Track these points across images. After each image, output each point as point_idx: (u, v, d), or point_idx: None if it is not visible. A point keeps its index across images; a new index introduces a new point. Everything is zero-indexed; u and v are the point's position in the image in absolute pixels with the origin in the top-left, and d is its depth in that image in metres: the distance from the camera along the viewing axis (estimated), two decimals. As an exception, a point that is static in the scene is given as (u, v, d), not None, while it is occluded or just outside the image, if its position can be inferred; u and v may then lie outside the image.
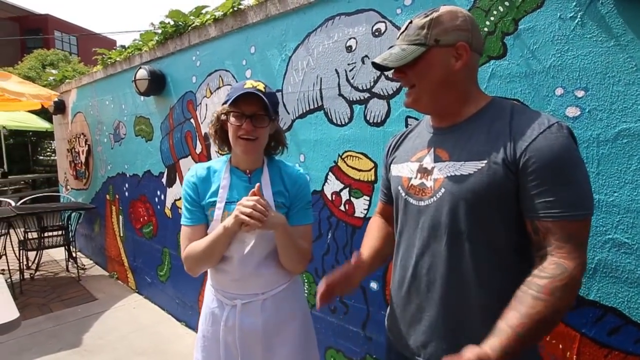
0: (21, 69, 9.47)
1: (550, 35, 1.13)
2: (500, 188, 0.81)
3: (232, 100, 1.10)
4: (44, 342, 2.79)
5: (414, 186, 0.94)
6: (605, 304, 1.09)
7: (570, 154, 0.78)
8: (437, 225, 0.88)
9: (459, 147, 0.88)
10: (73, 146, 4.77)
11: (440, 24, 0.85)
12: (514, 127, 0.83)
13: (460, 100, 0.90)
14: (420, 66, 0.87)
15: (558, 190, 0.77)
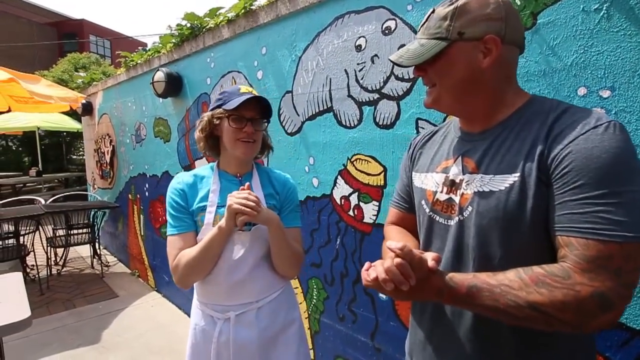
0: (55, 72, 9.91)
1: (572, 29, 1.03)
2: (535, 206, 0.68)
3: (234, 105, 1.08)
4: (65, 338, 2.88)
5: (440, 202, 0.83)
6: (633, 326, 0.98)
7: (618, 158, 0.62)
8: (461, 247, 0.78)
9: (489, 156, 0.76)
10: (99, 146, 4.92)
11: (466, 13, 0.73)
12: (555, 128, 0.69)
13: (490, 102, 0.78)
14: (441, 63, 0.76)
15: (593, 203, 0.62)
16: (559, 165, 0.66)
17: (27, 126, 7.46)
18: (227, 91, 1.15)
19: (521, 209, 0.70)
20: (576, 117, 0.69)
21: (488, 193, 0.74)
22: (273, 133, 2.08)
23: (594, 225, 0.62)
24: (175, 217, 1.14)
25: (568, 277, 0.63)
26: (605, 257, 0.62)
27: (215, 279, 1.15)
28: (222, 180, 1.17)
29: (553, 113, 0.72)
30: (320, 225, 1.85)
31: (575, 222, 0.64)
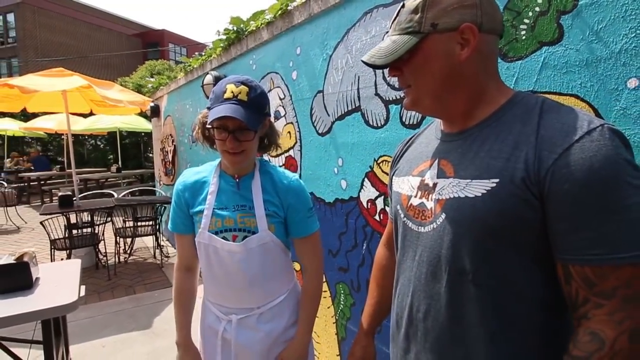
0: (134, 78, 10.95)
1: (621, 9, 0.86)
2: (516, 218, 0.61)
3: (211, 119, 0.99)
4: (123, 321, 3.14)
5: (414, 206, 0.77)
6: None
7: (617, 170, 0.56)
8: (436, 259, 0.71)
9: (467, 159, 0.69)
10: (164, 146, 5.32)
11: (437, 2, 0.67)
12: (542, 130, 0.61)
13: (470, 99, 0.71)
14: (416, 60, 0.69)
15: (598, 222, 0.56)
16: (554, 181, 0.58)
17: (109, 127, 8.34)
18: (214, 92, 1.07)
19: (499, 219, 0.62)
20: (564, 119, 0.61)
21: (463, 199, 0.66)
22: (305, 134, 2.06)
23: (604, 248, 0.55)
24: (172, 217, 1.16)
25: (602, 343, 0.55)
26: (625, 284, 0.55)
27: (218, 283, 1.15)
28: (221, 181, 1.14)
29: (535, 112, 0.64)
30: (347, 228, 1.79)
31: (580, 247, 0.57)
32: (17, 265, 1.83)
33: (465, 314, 0.68)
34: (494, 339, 0.66)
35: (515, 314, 0.65)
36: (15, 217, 7.11)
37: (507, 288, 0.64)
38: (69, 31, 26.74)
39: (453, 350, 0.70)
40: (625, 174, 0.55)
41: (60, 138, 13.14)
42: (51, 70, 4.16)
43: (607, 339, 0.55)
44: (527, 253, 0.63)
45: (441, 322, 0.71)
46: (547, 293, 0.64)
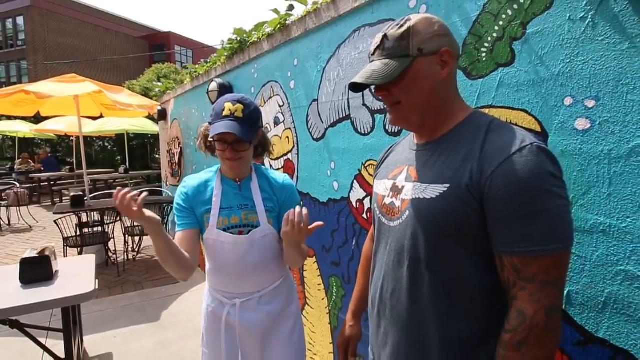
0: (142, 82, 11.20)
1: (559, 38, 1.02)
2: (461, 216, 0.75)
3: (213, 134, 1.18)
4: (132, 314, 3.33)
5: (386, 205, 0.93)
6: (616, 344, 0.95)
7: (540, 180, 0.69)
8: (401, 248, 0.86)
9: (428, 167, 0.83)
10: (170, 148, 5.51)
11: (418, 32, 0.80)
12: (486, 147, 0.75)
13: (442, 115, 0.84)
14: (406, 80, 0.81)
15: (523, 221, 0.70)
16: (491, 189, 0.72)
17: (118, 129, 8.57)
18: (215, 109, 1.24)
19: (446, 216, 0.76)
20: (504, 137, 0.75)
21: (422, 200, 0.81)
22: (302, 139, 2.23)
23: (529, 243, 0.70)
24: (179, 217, 1.31)
25: (524, 318, 0.70)
26: (543, 271, 0.70)
27: (224, 273, 1.32)
28: (223, 185, 1.31)
29: (483, 131, 0.78)
30: (339, 226, 1.95)
31: (512, 242, 0.71)
32: (40, 259, 2.02)
33: (421, 294, 0.83)
34: (443, 315, 0.81)
35: (461, 295, 0.79)
36: (27, 216, 7.36)
37: (455, 274, 0.79)
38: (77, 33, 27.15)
39: (411, 324, 0.86)
40: (546, 184, 0.69)
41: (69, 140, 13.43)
42: (64, 76, 4.36)
43: (528, 314, 0.69)
44: (472, 245, 0.77)
45: (403, 301, 0.86)
46: (489, 279, 0.78)
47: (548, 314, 0.69)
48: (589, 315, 1.00)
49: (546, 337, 0.69)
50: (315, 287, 2.21)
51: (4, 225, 7.00)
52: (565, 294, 1.03)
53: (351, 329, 1.19)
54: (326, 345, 2.15)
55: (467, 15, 1.25)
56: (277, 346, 1.34)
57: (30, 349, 2.71)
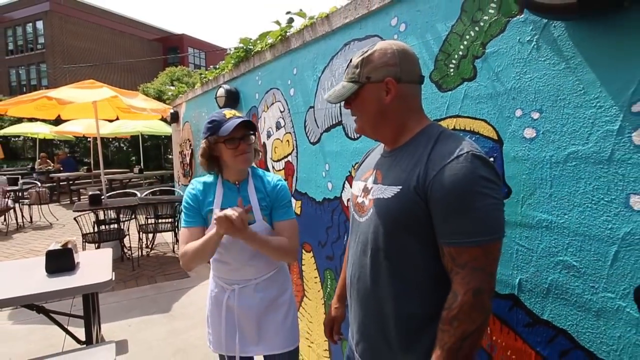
0: (156, 85, 11.55)
1: (511, 58, 1.16)
2: (411, 213, 0.90)
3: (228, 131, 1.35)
4: (145, 306, 3.55)
5: (358, 203, 1.09)
6: (557, 325, 1.09)
7: (471, 183, 0.83)
8: (366, 240, 1.01)
9: (389, 171, 0.99)
10: (182, 149, 5.75)
11: (370, 62, 0.97)
12: (432, 155, 0.90)
13: (395, 129, 1.01)
14: (358, 100, 1.00)
15: (456, 217, 0.84)
16: (432, 190, 0.87)
17: (133, 131, 8.88)
18: (215, 119, 1.41)
19: (399, 213, 0.92)
20: (447, 147, 0.90)
21: (382, 199, 0.97)
22: (301, 142, 2.40)
23: (461, 235, 0.84)
24: (187, 215, 1.47)
25: (455, 298, 0.85)
26: (473, 259, 0.84)
27: (225, 261, 1.49)
28: (224, 188, 1.49)
29: (432, 141, 0.93)
30: (333, 223, 2.12)
31: (448, 235, 0.86)
32: (63, 251, 2.23)
33: (380, 278, 0.99)
34: (398, 296, 0.97)
35: (413, 279, 0.95)
36: (48, 214, 7.71)
37: (408, 261, 0.95)
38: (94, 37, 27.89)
39: (372, 304, 1.02)
40: (476, 185, 0.83)
41: (86, 141, 13.89)
42: (83, 82, 4.63)
43: (459, 294, 0.84)
44: (421, 237, 0.92)
45: (366, 284, 1.02)
46: (437, 265, 0.93)
47: (475, 294, 0.84)
48: (535, 300, 1.14)
49: (474, 313, 0.84)
50: (313, 280, 2.38)
51: (26, 222, 7.36)
52: (516, 282, 1.18)
53: (336, 311, 1.35)
54: (322, 334, 2.31)
55: (438, 35, 1.40)
56: (272, 329, 1.51)
57: (52, 335, 2.95)
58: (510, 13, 1.15)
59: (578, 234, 1.03)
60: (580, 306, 1.03)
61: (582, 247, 1.02)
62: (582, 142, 1.01)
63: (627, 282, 0.94)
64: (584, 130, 1.00)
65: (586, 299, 1.02)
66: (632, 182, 0.91)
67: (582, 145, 1.01)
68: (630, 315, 0.93)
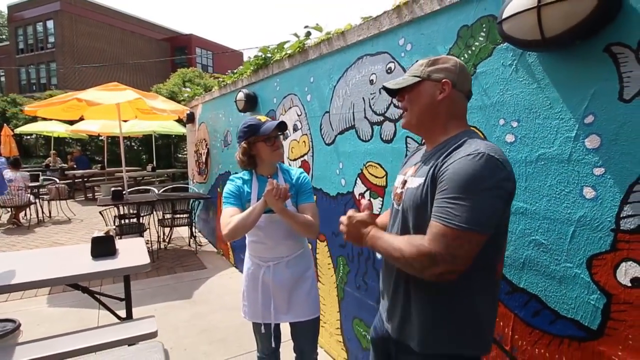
0: (168, 86, 11.88)
1: (496, 77, 1.44)
2: (428, 198, 1.06)
3: (269, 130, 1.67)
4: (168, 293, 3.85)
5: (397, 194, 1.26)
6: (530, 291, 1.37)
7: (473, 177, 0.93)
8: (399, 223, 1.20)
9: (422, 167, 1.14)
10: (198, 149, 6.05)
11: (435, 63, 1.13)
12: (452, 153, 1.03)
13: (439, 129, 1.14)
14: (413, 93, 1.14)
15: (443, 200, 0.98)
16: (439, 177, 1.05)
17: (146, 130, 9.21)
18: (252, 124, 1.71)
19: (420, 199, 1.11)
20: (468, 147, 1.01)
21: (411, 189, 1.16)
22: (316, 143, 2.68)
23: (441, 214, 0.97)
24: (232, 198, 1.74)
25: (420, 242, 0.99)
26: (442, 234, 0.96)
27: (262, 242, 1.78)
28: (259, 182, 1.78)
29: (459, 142, 1.07)
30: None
31: (435, 212, 1.00)
32: (107, 237, 2.53)
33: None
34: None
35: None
36: (66, 209, 8.05)
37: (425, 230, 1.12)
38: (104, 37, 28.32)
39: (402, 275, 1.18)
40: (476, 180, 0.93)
41: (98, 140, 14.27)
42: (108, 85, 4.95)
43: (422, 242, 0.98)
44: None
45: None
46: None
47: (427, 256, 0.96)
48: (514, 272, 1.42)
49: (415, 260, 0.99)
50: (326, 267, 2.66)
51: (45, 217, 7.70)
52: (499, 258, 1.45)
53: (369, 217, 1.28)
54: (334, 314, 2.59)
55: (439, 55, 1.67)
56: (299, 300, 1.80)
57: (86, 317, 3.26)
58: (496, 41, 1.43)
59: (546, 218, 1.31)
60: (548, 275, 1.31)
61: (549, 228, 1.30)
62: (549, 146, 1.28)
63: (581, 254, 1.21)
64: (550, 136, 1.28)
65: (552, 269, 1.30)
66: (585, 177, 1.19)
67: (548, 148, 1.28)
68: (583, 280, 1.21)
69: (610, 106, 1.11)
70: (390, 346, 1.29)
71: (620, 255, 1.12)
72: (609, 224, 1.13)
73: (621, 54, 1.08)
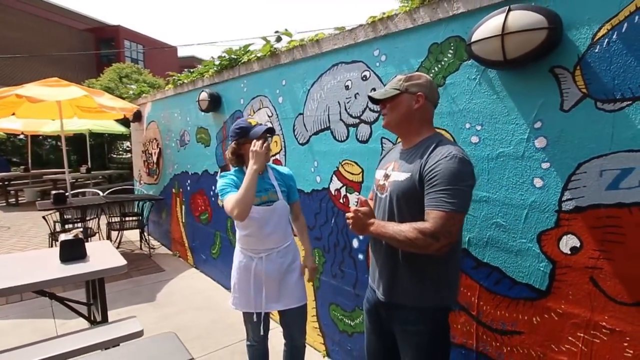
0: (102, 81, 11.07)
1: (463, 88, 1.73)
2: (414, 190, 1.33)
3: (259, 133, 1.80)
4: (129, 297, 3.73)
5: (380, 185, 1.52)
6: (493, 264, 1.67)
7: (453, 173, 1.23)
8: (385, 209, 1.45)
9: (404, 163, 1.41)
10: (147, 148, 5.83)
11: (411, 79, 1.41)
12: (431, 154, 1.32)
13: (413, 132, 1.43)
14: (394, 102, 1.42)
15: (437, 193, 1.25)
16: (427, 175, 1.32)
17: (80, 129, 8.55)
18: (243, 126, 1.85)
19: (406, 190, 1.37)
20: (442, 150, 1.31)
21: (397, 181, 1.41)
22: (289, 143, 2.83)
23: (438, 203, 1.26)
24: (230, 187, 1.81)
25: (423, 225, 1.27)
26: (441, 217, 1.23)
27: (254, 235, 1.89)
28: None
29: (433, 145, 1.35)
30: (321, 210, 2.59)
31: (432, 202, 1.29)
32: (76, 241, 2.45)
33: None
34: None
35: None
36: (-14, 217, 7.21)
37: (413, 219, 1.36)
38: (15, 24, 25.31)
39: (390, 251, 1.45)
40: (454, 177, 1.22)
41: (16, 139, 12.85)
42: (48, 80, 4.60)
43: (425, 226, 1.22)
44: (420, 205, 1.35)
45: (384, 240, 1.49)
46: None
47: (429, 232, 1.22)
48: (478, 250, 1.72)
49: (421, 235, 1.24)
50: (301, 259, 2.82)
51: (-39, 226, 6.85)
52: (467, 239, 1.75)
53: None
54: (310, 303, 2.76)
55: (412, 67, 1.93)
56: (289, 288, 1.95)
57: (42, 328, 3.08)
58: (462, 58, 1.71)
59: (504, 204, 1.61)
60: (507, 250, 1.62)
61: (507, 212, 1.61)
62: (506, 145, 1.59)
63: (532, 232, 1.53)
64: (507, 138, 1.59)
65: (510, 245, 1.61)
66: (534, 170, 1.50)
67: (506, 147, 1.59)
68: (534, 251, 1.53)
69: (553, 115, 1.43)
70: (381, 311, 1.55)
71: (562, 230, 1.45)
72: (554, 206, 1.46)
73: (561, 74, 1.40)
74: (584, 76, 1.35)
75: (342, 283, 2.49)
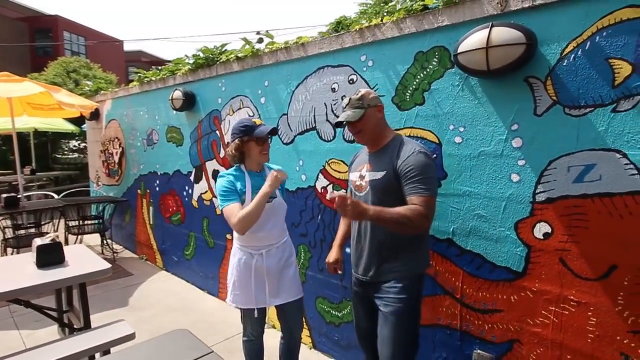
0: (47, 76, 10.27)
1: (447, 93, 1.91)
2: (391, 185, 1.58)
3: (264, 134, 1.86)
4: (100, 303, 3.58)
5: (357, 185, 1.72)
6: (475, 251, 1.87)
7: (423, 165, 1.52)
8: (368, 203, 1.61)
9: (377, 163, 1.65)
10: (106, 148, 5.56)
11: (366, 96, 1.65)
12: (399, 153, 1.59)
13: (381, 137, 1.69)
14: (364, 120, 1.64)
15: (413, 182, 1.52)
16: (402, 170, 1.55)
17: (24, 127, 7.90)
18: (248, 125, 1.89)
19: (385, 186, 1.59)
20: (407, 147, 1.60)
21: (375, 180, 1.63)
22: (273, 143, 2.90)
23: (420, 190, 1.51)
24: (229, 195, 1.87)
25: (416, 207, 1.48)
26: (424, 201, 1.50)
27: (255, 231, 1.94)
28: (251, 176, 1.95)
29: (398, 144, 1.62)
30: (306, 207, 2.68)
31: (414, 189, 1.52)
32: (54, 245, 2.35)
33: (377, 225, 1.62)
34: (386, 233, 1.61)
35: None
36: None
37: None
38: None
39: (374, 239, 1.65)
40: (423, 167, 1.52)
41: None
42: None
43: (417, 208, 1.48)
44: (397, 198, 1.56)
45: (369, 230, 1.66)
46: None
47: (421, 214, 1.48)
48: (462, 239, 1.91)
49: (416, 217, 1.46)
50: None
51: None
52: (451, 230, 1.94)
53: (337, 254, 1.95)
54: (295, 298, 2.85)
55: (398, 72, 2.09)
56: (288, 282, 2.02)
57: (8, 339, 2.90)
58: (446, 66, 1.89)
59: (486, 197, 1.81)
60: (487, 238, 1.82)
61: (488, 204, 1.81)
62: (487, 145, 1.79)
63: (510, 221, 1.74)
64: (488, 138, 1.79)
65: (490, 233, 1.81)
66: (512, 167, 1.72)
67: (487, 147, 1.79)
68: (512, 238, 1.74)
69: (528, 118, 1.65)
70: (369, 292, 1.75)
71: (536, 219, 1.67)
72: (529, 198, 1.68)
73: (535, 83, 1.62)
74: (554, 85, 1.58)
75: (329, 276, 2.60)
